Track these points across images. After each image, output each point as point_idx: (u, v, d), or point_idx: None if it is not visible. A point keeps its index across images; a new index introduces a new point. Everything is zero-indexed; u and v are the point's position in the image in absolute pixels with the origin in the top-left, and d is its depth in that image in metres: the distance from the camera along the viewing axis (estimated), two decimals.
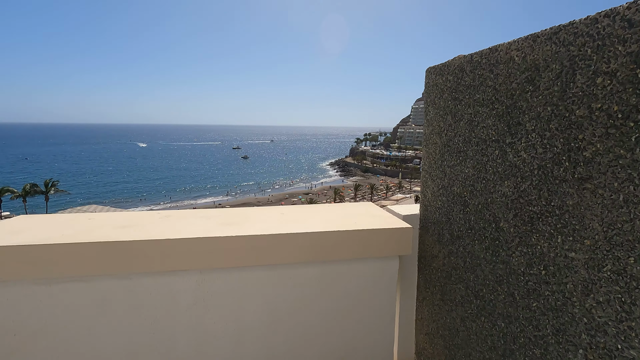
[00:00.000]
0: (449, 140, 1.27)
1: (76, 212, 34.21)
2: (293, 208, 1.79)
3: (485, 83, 1.04)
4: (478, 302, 1.13)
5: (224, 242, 1.32)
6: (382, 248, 1.49)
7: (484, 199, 1.07)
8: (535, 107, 0.85)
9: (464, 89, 1.15)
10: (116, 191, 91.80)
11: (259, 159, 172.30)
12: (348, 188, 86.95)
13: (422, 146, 1.52)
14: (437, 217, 1.38)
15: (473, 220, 1.14)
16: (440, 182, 1.34)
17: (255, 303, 1.43)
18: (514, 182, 0.94)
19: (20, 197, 52.34)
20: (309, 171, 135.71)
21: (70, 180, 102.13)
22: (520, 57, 0.89)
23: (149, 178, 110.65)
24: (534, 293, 0.89)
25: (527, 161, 0.89)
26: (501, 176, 0.99)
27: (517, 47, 0.90)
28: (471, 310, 1.17)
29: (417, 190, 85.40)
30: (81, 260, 1.22)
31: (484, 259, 1.09)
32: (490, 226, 1.05)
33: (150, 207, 73.77)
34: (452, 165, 1.25)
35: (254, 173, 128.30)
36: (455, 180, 1.24)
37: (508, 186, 0.96)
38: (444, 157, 1.30)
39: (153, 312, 1.34)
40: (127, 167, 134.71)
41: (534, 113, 0.86)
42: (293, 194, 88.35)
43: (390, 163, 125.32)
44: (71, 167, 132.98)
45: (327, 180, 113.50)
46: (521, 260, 0.93)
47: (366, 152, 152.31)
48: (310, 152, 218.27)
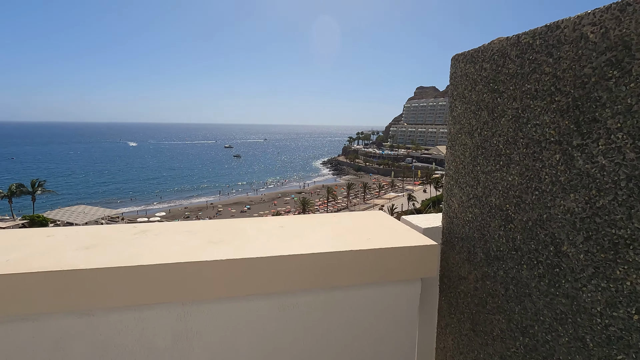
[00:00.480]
0: (484, 140, 1.08)
1: (64, 212, 31.63)
2: (293, 219, 1.57)
3: (539, 70, 0.86)
4: (526, 340, 0.95)
5: (212, 267, 1.09)
6: (402, 270, 1.26)
7: (537, 215, 0.89)
8: (623, 98, 0.68)
9: (506, 78, 0.97)
10: (106, 191, 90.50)
11: (251, 158, 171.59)
12: (341, 187, 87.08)
13: (446, 147, 1.33)
14: (466, 232, 1.20)
15: (520, 239, 0.96)
16: (472, 190, 1.16)
17: (250, 340, 1.19)
18: (586, 196, 0.76)
19: (5, 198, 51.18)
20: (301, 170, 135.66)
21: (58, 180, 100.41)
22: (597, 34, 0.72)
23: (140, 178, 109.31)
24: (619, 342, 0.71)
25: (609, 169, 0.71)
26: (564, 187, 0.81)
27: (593, 22, 0.73)
28: (515, 349, 0.99)
29: (410, 189, 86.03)
30: (29, 295, 0.98)
31: (536, 289, 0.91)
32: (546, 249, 0.87)
33: (141, 207, 72.89)
34: (488, 171, 1.07)
35: (247, 172, 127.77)
36: (493, 190, 1.05)
37: (576, 200, 0.79)
38: (477, 160, 1.12)
39: (123, 357, 1.09)
40: (117, 166, 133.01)
41: (620, 106, 0.68)
42: (286, 193, 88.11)
43: (383, 162, 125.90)
44: (59, 166, 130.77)
45: (319, 179, 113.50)
46: (597, 297, 0.75)
47: (359, 151, 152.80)
48: (303, 150, 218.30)
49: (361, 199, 77.63)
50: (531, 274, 0.92)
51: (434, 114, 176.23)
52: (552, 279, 0.85)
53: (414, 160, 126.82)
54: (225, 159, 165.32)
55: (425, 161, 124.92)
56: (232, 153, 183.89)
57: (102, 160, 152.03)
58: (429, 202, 65.42)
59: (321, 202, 71.89)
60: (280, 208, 66.83)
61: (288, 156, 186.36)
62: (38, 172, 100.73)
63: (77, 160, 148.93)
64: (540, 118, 0.87)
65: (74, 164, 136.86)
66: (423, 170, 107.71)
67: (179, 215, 65.20)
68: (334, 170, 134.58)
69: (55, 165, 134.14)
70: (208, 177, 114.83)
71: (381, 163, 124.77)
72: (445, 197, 1.33)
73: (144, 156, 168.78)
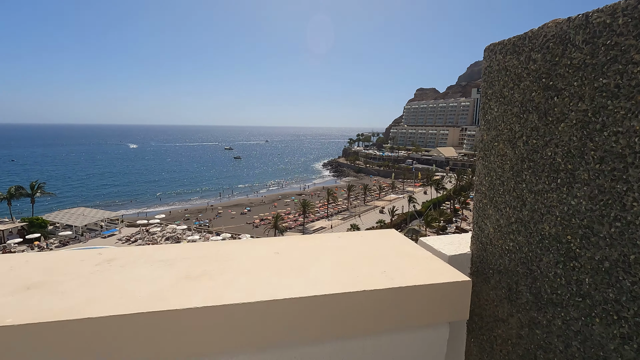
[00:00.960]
0: (532, 151, 0.89)
1: (63, 215, 30.92)
2: (291, 243, 1.32)
3: (624, 58, 0.67)
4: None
5: (187, 316, 0.85)
6: (427, 313, 1.03)
7: (619, 254, 0.70)
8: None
9: (568, 71, 0.78)
10: (106, 193, 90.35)
11: (252, 160, 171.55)
12: (341, 189, 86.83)
13: (477, 157, 1.12)
14: (505, 264, 1.00)
15: (590, 284, 0.76)
16: (514, 213, 0.96)
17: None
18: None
19: (4, 200, 51.03)
20: (302, 172, 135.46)
21: (59, 183, 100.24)
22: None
23: (140, 180, 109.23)
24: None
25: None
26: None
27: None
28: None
29: (410, 190, 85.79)
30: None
31: (616, 353, 0.71)
32: (635, 303, 0.69)
33: (141, 210, 72.73)
34: (539, 190, 0.87)
35: (247, 174, 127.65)
36: (546, 215, 0.86)
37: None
38: (522, 176, 0.92)
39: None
40: (117, 168, 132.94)
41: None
42: (286, 195, 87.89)
43: (383, 163, 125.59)
44: (59, 169, 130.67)
45: (320, 181, 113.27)
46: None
47: (359, 153, 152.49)
48: (304, 152, 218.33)
49: (361, 200, 77.39)
50: (608, 332, 0.72)
51: (434, 116, 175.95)
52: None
53: (414, 162, 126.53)
54: (225, 160, 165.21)
55: (426, 163, 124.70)
56: (232, 155, 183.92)
57: (103, 162, 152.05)
58: (429, 203, 65.18)
59: (321, 204, 71.66)
60: (280, 210, 66.67)
61: (288, 158, 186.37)
62: (38, 174, 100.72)
63: (77, 163, 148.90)
64: (624, 124, 0.67)
65: (74, 166, 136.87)
66: (423, 172, 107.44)
67: (179, 217, 65.03)
68: (334, 171, 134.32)
69: (56, 167, 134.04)
70: (208, 179, 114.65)
71: (381, 165, 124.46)
72: (476, 219, 1.13)
73: (144, 158, 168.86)
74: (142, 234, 46.06)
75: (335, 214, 67.79)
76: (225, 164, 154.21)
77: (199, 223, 60.12)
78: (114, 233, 46.49)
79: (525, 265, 0.92)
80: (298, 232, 55.49)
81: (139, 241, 43.34)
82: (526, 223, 0.91)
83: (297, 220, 61.38)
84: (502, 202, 0.99)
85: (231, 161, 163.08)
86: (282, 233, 51.88)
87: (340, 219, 62.90)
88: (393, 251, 1.24)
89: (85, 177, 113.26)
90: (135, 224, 50.78)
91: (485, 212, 1.08)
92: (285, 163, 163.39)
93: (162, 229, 48.80)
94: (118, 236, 45.26)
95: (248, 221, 62.19)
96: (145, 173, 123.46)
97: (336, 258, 1.17)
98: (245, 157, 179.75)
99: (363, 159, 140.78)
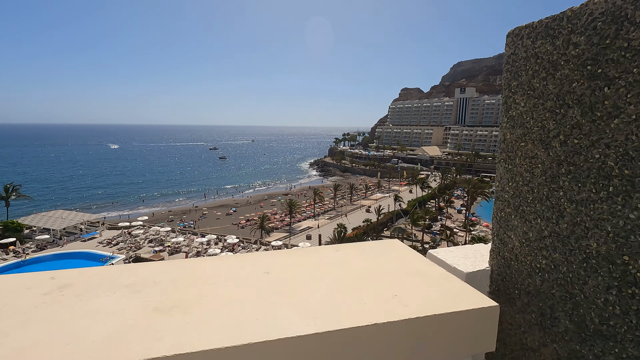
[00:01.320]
0: (573, 152, 0.77)
1: (40, 218, 29.46)
2: (283, 259, 1.13)
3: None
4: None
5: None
6: (447, 346, 0.89)
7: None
8: None
9: (625, 56, 0.65)
10: (86, 196, 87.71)
11: (237, 160, 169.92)
12: (328, 188, 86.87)
13: (497, 160, 1.00)
14: (536, 285, 0.87)
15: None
16: (547, 225, 0.83)
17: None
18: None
19: None
20: (288, 172, 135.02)
21: (36, 185, 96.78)
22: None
23: (122, 182, 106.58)
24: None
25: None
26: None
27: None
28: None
29: (396, 189, 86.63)
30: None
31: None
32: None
33: (124, 212, 70.94)
34: (582, 200, 0.75)
35: (233, 174, 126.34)
36: (593, 229, 0.74)
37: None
38: (558, 182, 0.81)
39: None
40: (98, 170, 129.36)
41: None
42: (272, 195, 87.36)
43: (369, 162, 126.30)
44: (36, 170, 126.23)
45: (306, 181, 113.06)
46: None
47: (345, 152, 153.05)
48: (290, 152, 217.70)
49: (348, 200, 77.64)
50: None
51: (418, 115, 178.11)
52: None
53: (400, 161, 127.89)
54: (210, 161, 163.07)
55: (411, 162, 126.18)
56: (217, 155, 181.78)
57: (83, 163, 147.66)
58: (415, 202, 65.91)
59: (308, 204, 71.53)
60: (266, 210, 66.17)
61: (275, 158, 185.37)
62: (14, 176, 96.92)
63: (54, 164, 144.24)
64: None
65: (51, 168, 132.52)
66: (409, 170, 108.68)
67: (163, 218, 63.71)
68: (321, 171, 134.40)
69: (32, 169, 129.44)
70: (193, 179, 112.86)
71: (367, 164, 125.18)
72: (496, 230, 1.00)
73: (126, 159, 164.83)
74: (124, 236, 44.87)
75: (321, 213, 67.79)
76: (211, 164, 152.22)
77: (184, 224, 59.08)
78: (95, 236, 45.15)
79: (564, 287, 0.80)
80: (285, 232, 55.22)
81: (121, 244, 42.22)
82: (564, 238, 0.79)
83: (284, 220, 61.05)
84: (532, 212, 0.87)
85: (216, 161, 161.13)
86: (269, 233, 51.50)
87: (327, 219, 62.93)
88: (400, 267, 1.10)
89: (64, 179, 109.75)
90: (116, 227, 49.39)
91: (508, 223, 0.95)
92: (271, 163, 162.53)
93: (145, 231, 47.68)
94: (99, 239, 43.98)
95: (234, 222, 61.51)
96: (127, 174, 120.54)
97: (336, 278, 1.02)
98: (231, 157, 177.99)
99: (349, 158, 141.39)
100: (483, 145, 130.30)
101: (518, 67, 0.89)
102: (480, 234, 49.54)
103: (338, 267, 1.08)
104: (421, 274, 1.05)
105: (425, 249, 46.70)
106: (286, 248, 41.76)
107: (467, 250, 1.14)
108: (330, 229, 51.68)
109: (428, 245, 48.10)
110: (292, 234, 53.80)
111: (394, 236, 51.34)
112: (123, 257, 37.45)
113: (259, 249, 42.42)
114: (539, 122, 0.83)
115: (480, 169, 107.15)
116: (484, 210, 69.25)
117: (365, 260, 1.14)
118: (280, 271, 1.04)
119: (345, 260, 1.13)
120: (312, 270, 1.06)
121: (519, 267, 0.91)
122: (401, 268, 1.09)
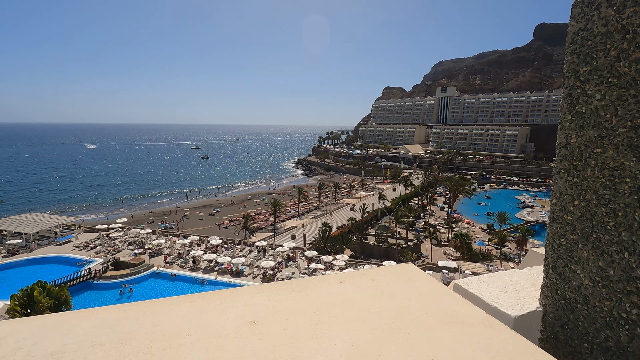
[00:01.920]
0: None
1: (11, 221, 28.86)
2: (273, 301, 0.86)
3: None
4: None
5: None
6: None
7: None
8: None
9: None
10: (62, 199, 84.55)
11: (220, 159, 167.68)
12: (312, 187, 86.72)
13: (555, 170, 0.80)
14: (621, 342, 0.64)
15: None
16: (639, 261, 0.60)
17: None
18: None
19: None
20: (272, 171, 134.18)
21: (6, 187, 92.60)
22: None
23: (100, 183, 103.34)
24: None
25: None
26: None
27: None
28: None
29: (380, 187, 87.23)
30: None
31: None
32: None
33: (100, 215, 68.71)
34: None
35: (216, 174, 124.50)
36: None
37: None
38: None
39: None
40: (74, 171, 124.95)
41: None
42: (256, 195, 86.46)
43: (353, 161, 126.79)
44: (7, 171, 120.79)
45: (290, 180, 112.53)
46: None
47: (329, 151, 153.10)
48: (274, 151, 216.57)
49: (332, 198, 77.67)
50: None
51: (401, 114, 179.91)
52: None
53: (383, 159, 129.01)
54: (192, 160, 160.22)
55: (394, 160, 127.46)
56: (199, 155, 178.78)
57: (58, 164, 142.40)
58: (398, 200, 66.54)
59: (292, 203, 71.16)
60: (250, 210, 65.42)
61: (259, 157, 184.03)
62: None
63: (27, 165, 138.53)
64: None
65: (23, 169, 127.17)
66: (392, 169, 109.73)
67: (143, 220, 62.02)
68: (305, 170, 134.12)
69: (3, 170, 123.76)
70: (175, 180, 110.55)
71: (351, 162, 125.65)
72: (554, 260, 0.76)
73: (104, 159, 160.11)
74: (102, 239, 43.38)
75: (306, 212, 67.50)
76: (193, 164, 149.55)
77: (165, 226, 57.72)
78: (70, 240, 43.44)
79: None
80: (269, 232, 54.72)
81: (99, 247, 40.79)
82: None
83: (268, 220, 60.48)
84: (613, 242, 0.64)
85: (198, 161, 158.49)
86: (253, 234, 50.94)
87: (312, 218, 62.73)
88: (427, 307, 0.83)
89: (37, 181, 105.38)
90: (94, 229, 47.67)
91: (572, 254, 0.72)
92: (255, 162, 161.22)
93: (125, 233, 46.24)
94: (75, 243, 42.35)
95: (217, 222, 60.53)
96: (106, 175, 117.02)
97: (346, 329, 0.75)
98: (214, 157, 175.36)
99: (333, 157, 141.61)
100: (464, 143, 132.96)
101: (592, 47, 0.64)
102: (462, 231, 50.47)
103: (348, 311, 0.82)
104: (457, 320, 0.80)
105: (409, 246, 47.11)
106: (271, 248, 41.39)
107: (504, 280, 0.92)
108: (315, 228, 51.51)
109: (412, 243, 48.62)
110: (277, 233, 53.34)
111: (379, 234, 51.66)
112: (101, 261, 36.17)
113: (242, 250, 41.82)
114: (627, 121, 0.60)
115: (462, 166, 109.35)
116: (465, 207, 70.69)
117: (379, 294, 0.90)
118: (270, 321, 0.78)
119: (354, 299, 0.88)
120: (314, 318, 0.80)
121: (589, 313, 0.68)
122: (429, 309, 0.83)
